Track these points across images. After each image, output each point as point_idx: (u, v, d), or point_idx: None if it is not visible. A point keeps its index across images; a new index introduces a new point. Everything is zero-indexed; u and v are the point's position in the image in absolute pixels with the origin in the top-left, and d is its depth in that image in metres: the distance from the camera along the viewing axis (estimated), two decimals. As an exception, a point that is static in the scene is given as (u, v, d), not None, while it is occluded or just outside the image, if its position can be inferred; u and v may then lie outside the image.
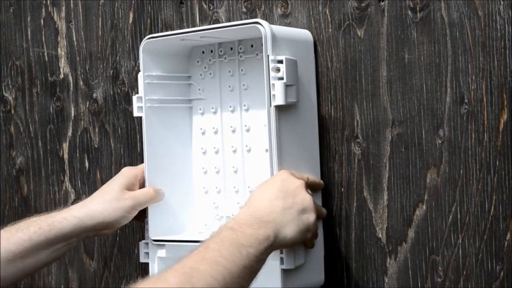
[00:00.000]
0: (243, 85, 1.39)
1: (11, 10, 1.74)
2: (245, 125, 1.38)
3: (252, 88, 1.37)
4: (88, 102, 1.62)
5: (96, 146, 1.62)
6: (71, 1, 1.64)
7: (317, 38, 1.33)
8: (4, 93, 1.75)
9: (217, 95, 1.41)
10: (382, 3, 1.28)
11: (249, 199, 1.18)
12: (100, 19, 1.60)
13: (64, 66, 1.66)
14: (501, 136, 1.19)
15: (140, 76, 1.38)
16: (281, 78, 1.22)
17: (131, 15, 1.56)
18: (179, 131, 1.43)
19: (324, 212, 1.29)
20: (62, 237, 1.31)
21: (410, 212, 1.26)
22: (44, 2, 1.68)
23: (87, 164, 1.62)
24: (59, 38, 1.66)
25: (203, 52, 1.43)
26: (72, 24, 1.64)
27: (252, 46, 1.37)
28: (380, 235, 1.29)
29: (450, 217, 1.23)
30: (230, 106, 1.40)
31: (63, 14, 1.66)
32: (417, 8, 1.25)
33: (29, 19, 1.71)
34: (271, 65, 1.23)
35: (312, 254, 1.27)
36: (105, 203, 1.32)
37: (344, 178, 1.32)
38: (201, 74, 1.43)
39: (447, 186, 1.23)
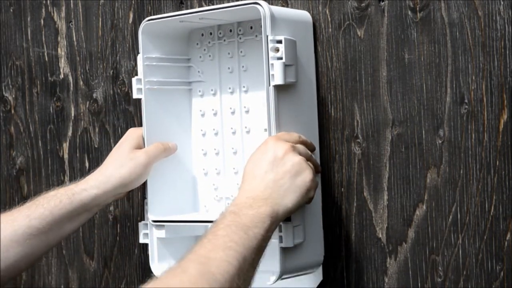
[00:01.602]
0: (242, 67, 1.39)
1: (11, 10, 1.74)
2: (244, 107, 1.38)
3: (251, 69, 1.37)
4: (88, 102, 1.62)
5: (96, 146, 1.62)
6: (71, 1, 1.64)
7: (317, 38, 1.33)
8: (4, 93, 1.75)
9: (217, 77, 1.41)
10: (382, 3, 1.28)
11: (243, 178, 1.19)
12: (100, 19, 1.60)
13: (64, 66, 1.66)
14: (501, 136, 1.19)
15: (140, 58, 1.38)
16: (280, 58, 1.22)
17: (131, 15, 1.56)
18: (178, 113, 1.43)
19: (319, 166, 1.28)
20: (83, 208, 1.34)
21: (410, 212, 1.26)
22: (44, 2, 1.68)
23: (87, 164, 1.62)
24: (59, 38, 1.66)
25: (203, 35, 1.42)
26: (72, 24, 1.64)
27: (251, 28, 1.37)
28: (380, 235, 1.29)
29: (450, 217, 1.23)
30: (230, 88, 1.40)
31: (63, 14, 1.66)
32: (417, 8, 1.24)
33: (29, 19, 1.71)
34: (270, 45, 1.23)
35: (311, 232, 1.27)
36: (120, 166, 1.35)
37: (344, 178, 1.32)
38: (200, 56, 1.43)
39: (447, 186, 1.23)
